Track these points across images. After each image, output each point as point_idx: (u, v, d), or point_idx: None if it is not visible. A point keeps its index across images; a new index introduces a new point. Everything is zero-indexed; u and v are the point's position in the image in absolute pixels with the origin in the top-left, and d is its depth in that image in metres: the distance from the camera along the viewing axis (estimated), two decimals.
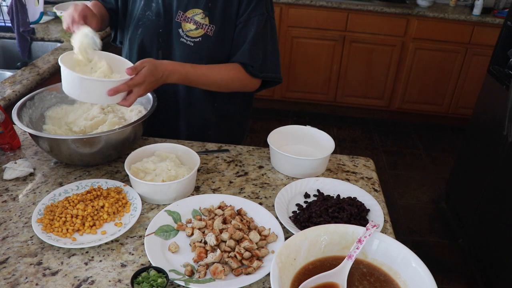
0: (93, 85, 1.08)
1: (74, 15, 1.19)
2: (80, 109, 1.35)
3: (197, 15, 1.29)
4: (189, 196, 1.13)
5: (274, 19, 1.37)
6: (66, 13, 1.20)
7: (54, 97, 1.35)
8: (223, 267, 0.89)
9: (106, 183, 1.13)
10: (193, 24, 1.29)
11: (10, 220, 1.02)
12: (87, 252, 0.94)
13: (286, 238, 0.95)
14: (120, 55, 1.49)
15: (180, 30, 1.30)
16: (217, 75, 1.30)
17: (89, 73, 1.16)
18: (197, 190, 1.17)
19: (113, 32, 1.51)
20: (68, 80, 1.09)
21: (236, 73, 1.32)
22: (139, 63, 1.13)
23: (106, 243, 0.97)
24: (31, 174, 1.19)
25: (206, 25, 1.29)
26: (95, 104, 1.33)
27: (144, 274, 0.85)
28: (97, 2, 1.41)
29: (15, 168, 1.17)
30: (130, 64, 1.15)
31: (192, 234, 0.99)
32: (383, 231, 1.05)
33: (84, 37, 1.15)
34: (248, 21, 1.30)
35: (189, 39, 1.30)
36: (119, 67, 1.18)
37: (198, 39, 1.30)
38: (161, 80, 1.19)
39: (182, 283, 0.86)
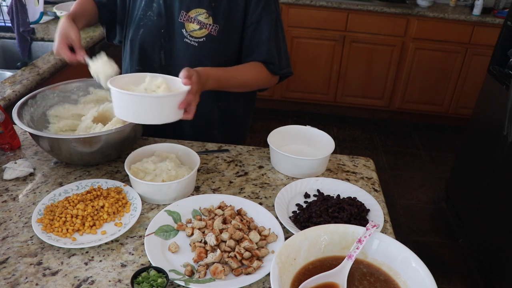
0: (164, 102, 1.00)
1: (62, 50, 1.18)
2: (86, 107, 1.35)
3: (201, 15, 1.28)
4: (189, 196, 1.13)
5: (280, 15, 1.38)
6: (56, 42, 1.20)
7: (57, 96, 1.35)
8: (223, 267, 0.89)
9: (106, 183, 1.13)
10: (197, 24, 1.29)
11: (10, 220, 1.02)
12: (87, 252, 0.94)
13: (286, 238, 0.95)
14: (120, 54, 1.49)
15: (184, 31, 1.30)
16: (244, 76, 1.33)
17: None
18: (197, 190, 1.17)
19: (104, 28, 1.48)
20: (132, 104, 1.00)
21: (260, 72, 1.35)
22: (187, 72, 1.07)
23: (106, 243, 0.97)
24: (31, 174, 1.19)
25: (210, 25, 1.29)
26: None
27: (144, 274, 0.85)
28: None
29: (15, 168, 1.17)
30: (174, 77, 1.12)
31: (192, 234, 0.99)
32: (383, 231, 1.05)
33: (105, 66, 1.14)
34: (260, 21, 1.31)
35: (193, 40, 1.30)
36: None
37: (202, 39, 1.30)
38: (203, 87, 1.16)
39: (182, 283, 0.86)
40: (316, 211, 1.04)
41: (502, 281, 2.16)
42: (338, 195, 1.14)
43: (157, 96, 1.03)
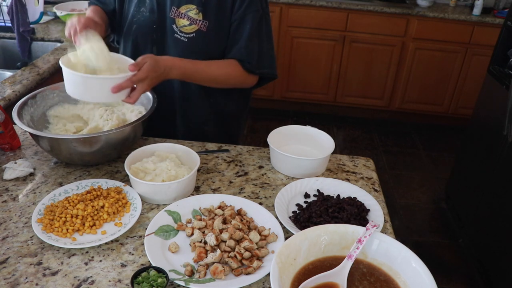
0: (96, 83, 1.08)
1: (77, 26, 1.18)
2: (85, 108, 1.35)
3: (191, 10, 1.29)
4: (189, 196, 1.13)
5: (269, 15, 1.38)
6: (70, 22, 1.20)
7: (57, 96, 1.35)
8: (223, 267, 0.89)
9: (106, 183, 1.13)
10: (187, 20, 1.30)
11: (10, 220, 1.02)
12: (87, 252, 0.94)
13: (286, 238, 0.95)
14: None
15: (174, 26, 1.31)
16: (215, 71, 1.32)
17: (92, 73, 1.14)
18: (197, 190, 1.17)
19: (113, 34, 1.51)
20: (71, 80, 1.09)
21: (233, 69, 1.33)
22: (141, 59, 1.13)
23: (106, 243, 0.97)
24: (31, 174, 1.19)
25: (200, 20, 1.30)
26: (98, 103, 1.32)
27: (144, 274, 0.85)
28: (96, 7, 1.40)
29: (15, 168, 1.17)
30: (132, 61, 1.16)
31: (192, 234, 0.99)
32: (383, 231, 1.05)
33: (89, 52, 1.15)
34: (243, 18, 1.31)
35: (183, 35, 1.31)
36: (123, 65, 1.18)
37: (192, 35, 1.31)
38: (162, 76, 1.20)
39: (182, 283, 0.86)
40: (316, 211, 1.04)
41: (502, 281, 2.16)
42: (338, 195, 1.14)
43: (85, 76, 1.08)
